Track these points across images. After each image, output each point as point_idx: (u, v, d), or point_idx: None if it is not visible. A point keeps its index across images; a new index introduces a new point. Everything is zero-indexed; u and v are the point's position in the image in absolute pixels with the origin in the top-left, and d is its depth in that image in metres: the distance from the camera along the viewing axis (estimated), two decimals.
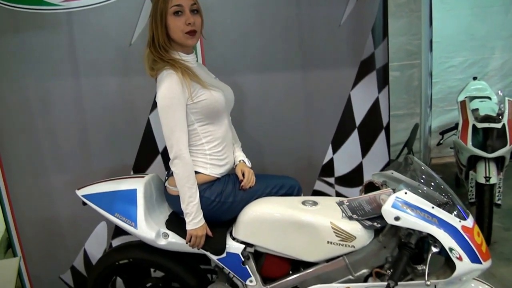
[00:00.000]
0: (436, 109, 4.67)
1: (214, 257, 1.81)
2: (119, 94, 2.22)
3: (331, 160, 2.60)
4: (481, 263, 1.60)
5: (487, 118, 3.06)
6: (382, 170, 2.60)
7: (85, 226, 2.37)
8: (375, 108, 2.59)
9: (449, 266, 1.64)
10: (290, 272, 1.84)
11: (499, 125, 2.97)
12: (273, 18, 2.33)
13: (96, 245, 2.40)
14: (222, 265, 1.82)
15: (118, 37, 2.14)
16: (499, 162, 2.99)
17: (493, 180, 2.87)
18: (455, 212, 1.65)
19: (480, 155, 2.95)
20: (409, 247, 1.58)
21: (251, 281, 1.82)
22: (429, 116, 4.55)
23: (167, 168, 2.26)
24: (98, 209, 1.86)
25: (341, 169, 2.62)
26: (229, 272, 1.84)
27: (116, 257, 1.95)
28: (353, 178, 2.63)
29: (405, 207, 1.59)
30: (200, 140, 1.78)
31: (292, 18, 2.35)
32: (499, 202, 2.91)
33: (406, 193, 1.62)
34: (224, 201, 1.79)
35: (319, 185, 2.61)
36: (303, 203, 1.82)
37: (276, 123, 2.48)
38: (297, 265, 1.84)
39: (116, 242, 2.39)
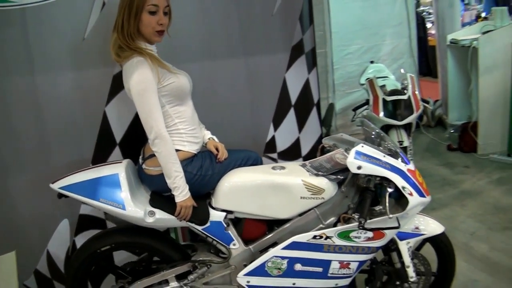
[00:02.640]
0: (338, 93, 5.16)
1: (199, 227, 1.95)
2: (74, 88, 2.23)
3: (273, 137, 2.85)
4: (425, 197, 1.96)
5: (394, 92, 3.54)
6: (316, 142, 2.96)
7: (46, 226, 2.32)
8: (306, 88, 2.89)
9: (400, 204, 1.97)
10: (266, 232, 2.05)
11: (405, 97, 3.45)
12: (215, 9, 2.49)
13: (59, 245, 2.36)
14: (207, 233, 1.97)
15: (72, 32, 2.16)
16: (408, 128, 3.49)
17: (405, 143, 3.34)
18: (399, 159, 1.99)
19: (392, 124, 3.41)
20: (370, 190, 1.88)
21: (234, 245, 1.99)
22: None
23: (125, 158, 2.34)
24: (80, 198, 1.88)
25: (282, 144, 2.88)
26: (213, 240, 2.00)
27: (97, 245, 1.99)
28: (293, 152, 2.91)
29: (364, 157, 1.88)
30: (173, 120, 1.91)
31: (232, 9, 2.54)
32: None
33: (363, 146, 1.91)
34: (204, 174, 1.94)
35: (264, 161, 2.82)
36: (273, 168, 2.04)
37: (223, 107, 2.64)
38: (271, 225, 2.06)
39: (79, 239, 2.37)
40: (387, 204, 1.86)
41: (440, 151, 4.66)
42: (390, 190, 1.89)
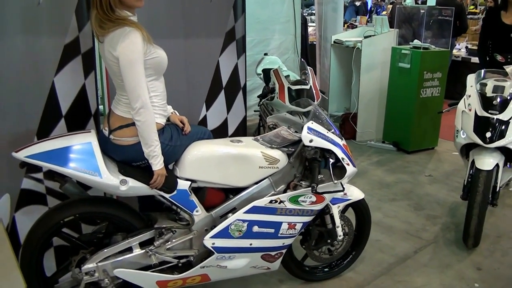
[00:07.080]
0: None
1: (167, 195, 2.06)
2: (24, 55, 2.13)
3: (205, 117, 3.03)
4: (355, 167, 2.36)
5: (298, 82, 3.96)
6: (240, 123, 3.23)
7: None
8: (235, 72, 3.13)
9: (335, 174, 2.33)
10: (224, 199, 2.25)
11: (307, 87, 3.89)
12: None
13: None
14: (173, 201, 2.09)
15: None
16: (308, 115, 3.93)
17: None
18: (336, 135, 2.36)
19: (296, 111, 3.81)
20: (318, 160, 2.21)
21: (197, 211, 2.15)
22: None
23: (71, 131, 2.32)
24: (51, 166, 1.84)
25: (212, 124, 3.08)
26: (177, 208, 2.13)
27: (61, 215, 1.97)
28: (221, 131, 3.13)
29: (314, 132, 2.21)
30: (149, 94, 1.97)
31: None
32: None
33: (312, 123, 2.23)
34: (174, 144, 2.06)
35: None
36: (231, 141, 2.25)
37: None
38: (227, 193, 2.26)
39: (19, 215, 2.27)
40: (331, 171, 2.21)
41: None
42: (332, 160, 2.25)
